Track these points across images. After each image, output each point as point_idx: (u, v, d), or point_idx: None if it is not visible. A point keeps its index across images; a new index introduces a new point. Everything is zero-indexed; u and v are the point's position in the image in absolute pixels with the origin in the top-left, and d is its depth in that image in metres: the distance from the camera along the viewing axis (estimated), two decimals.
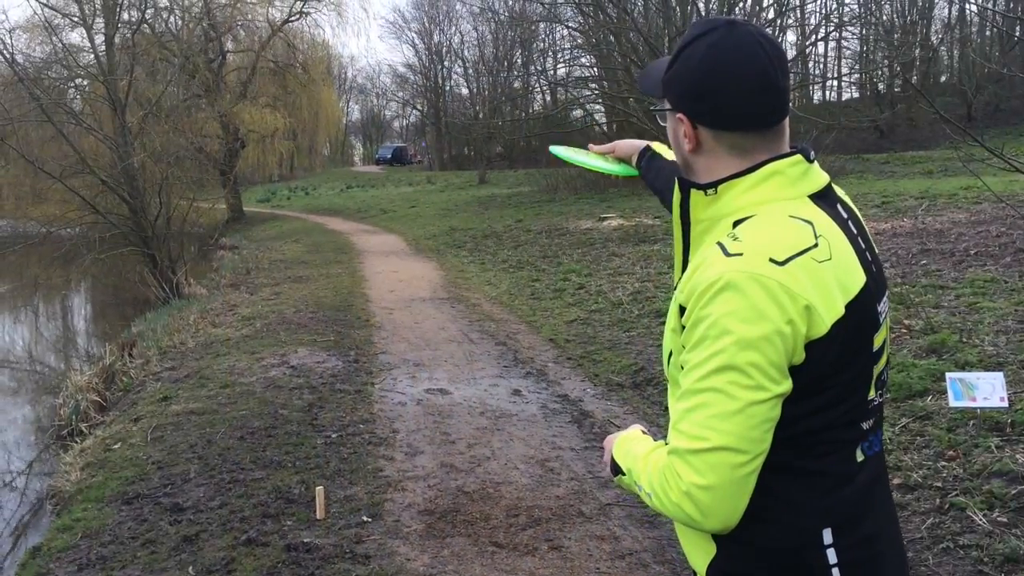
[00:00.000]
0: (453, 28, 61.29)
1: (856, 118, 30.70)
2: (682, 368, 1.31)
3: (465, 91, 62.01)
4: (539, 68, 43.04)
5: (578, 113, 32.20)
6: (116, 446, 5.76)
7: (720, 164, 1.36)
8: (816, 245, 1.28)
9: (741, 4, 26.60)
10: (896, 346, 6.02)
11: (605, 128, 30.79)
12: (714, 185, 1.36)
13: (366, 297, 11.47)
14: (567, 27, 29.99)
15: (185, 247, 17.79)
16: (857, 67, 40.87)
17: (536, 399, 6.34)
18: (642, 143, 2.04)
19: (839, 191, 1.46)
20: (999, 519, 3.66)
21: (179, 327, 10.33)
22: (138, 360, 9.07)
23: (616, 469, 1.47)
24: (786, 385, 1.24)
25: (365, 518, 4.25)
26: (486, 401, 6.32)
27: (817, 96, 44.99)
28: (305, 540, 3.98)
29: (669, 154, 1.91)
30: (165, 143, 17.20)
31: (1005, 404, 4.12)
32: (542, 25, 35.75)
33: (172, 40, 28.51)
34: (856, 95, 44.01)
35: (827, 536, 1.30)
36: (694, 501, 1.24)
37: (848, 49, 41.96)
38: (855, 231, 1.39)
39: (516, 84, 47.84)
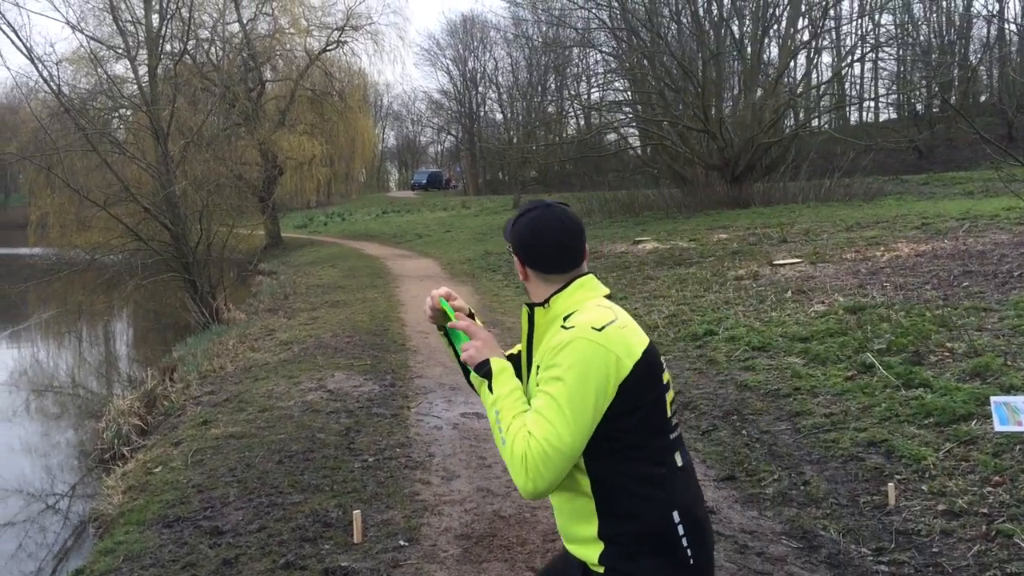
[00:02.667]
0: (487, 54, 61.94)
1: (894, 139, 30.36)
2: (534, 397, 1.95)
3: (499, 116, 62.51)
4: (573, 93, 43.10)
5: (612, 137, 32.22)
6: (157, 469, 5.84)
7: (541, 289, 2.08)
8: (616, 319, 1.97)
9: (776, 27, 26.55)
10: (938, 369, 5.94)
11: (639, 151, 30.80)
12: (547, 301, 2.05)
13: (402, 321, 11.55)
14: (601, 52, 30.08)
15: (225, 273, 18.04)
16: (894, 88, 40.45)
17: None
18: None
19: None
20: None
21: (219, 352, 10.47)
22: (179, 384, 9.21)
23: (484, 373, 2.02)
24: (602, 411, 1.88)
25: (402, 542, 4.25)
26: None
27: (854, 117, 44.67)
28: (343, 564, 4.00)
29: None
30: (206, 171, 17.52)
31: None
32: (576, 50, 35.91)
33: (213, 70, 29.14)
34: (894, 116, 43.56)
35: (675, 516, 1.92)
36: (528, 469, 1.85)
37: (885, 70, 41.49)
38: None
39: (550, 109, 47.96)
